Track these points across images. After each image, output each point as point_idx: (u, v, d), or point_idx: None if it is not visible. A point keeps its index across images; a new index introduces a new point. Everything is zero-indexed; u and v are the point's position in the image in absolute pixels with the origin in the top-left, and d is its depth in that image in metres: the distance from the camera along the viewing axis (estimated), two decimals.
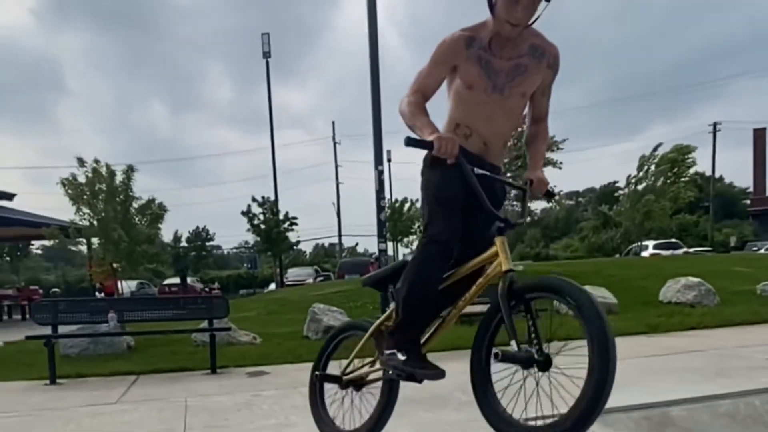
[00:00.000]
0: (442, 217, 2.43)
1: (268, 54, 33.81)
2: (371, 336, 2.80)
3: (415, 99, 2.41)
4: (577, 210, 65.81)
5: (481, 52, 2.37)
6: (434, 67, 2.44)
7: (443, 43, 2.39)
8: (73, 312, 6.69)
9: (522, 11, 2.25)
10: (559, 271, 10.49)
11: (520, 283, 2.18)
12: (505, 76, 2.42)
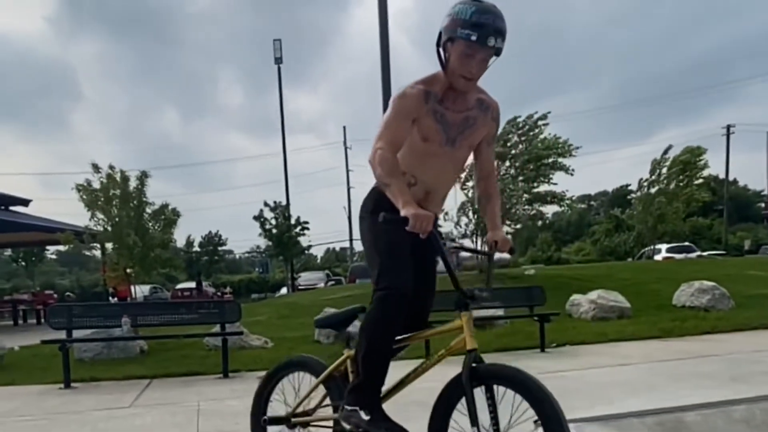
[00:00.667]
0: (396, 267, 2.41)
1: (279, 60, 33.97)
2: (323, 382, 2.72)
3: (389, 155, 2.32)
4: (589, 213, 65.37)
5: (436, 106, 2.41)
6: (402, 120, 2.39)
7: (406, 96, 2.38)
8: (87, 316, 6.76)
9: (476, 66, 2.30)
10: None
11: (484, 366, 2.17)
12: (456, 128, 2.47)
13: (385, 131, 2.37)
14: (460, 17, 2.22)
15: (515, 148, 14.85)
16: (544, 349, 7.33)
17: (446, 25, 2.27)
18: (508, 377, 2.10)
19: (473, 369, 2.16)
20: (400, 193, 2.24)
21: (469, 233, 15.44)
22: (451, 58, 2.30)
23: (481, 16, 2.18)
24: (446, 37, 2.28)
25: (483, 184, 2.72)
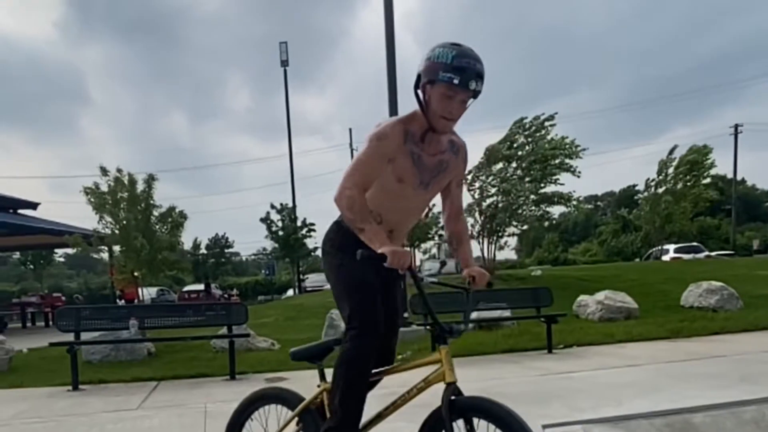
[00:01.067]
0: (368, 305, 2.40)
1: (286, 62, 34.03)
2: (298, 415, 2.66)
3: (358, 197, 2.28)
4: (596, 214, 65.11)
5: (413, 147, 2.39)
6: (378, 160, 2.34)
7: (386, 138, 2.33)
8: (95, 319, 6.79)
9: (456, 107, 2.30)
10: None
11: (463, 399, 2.17)
12: (430, 172, 2.47)
13: (356, 171, 2.32)
14: (441, 61, 2.22)
15: (522, 149, 14.82)
16: (551, 350, 7.31)
17: (426, 68, 2.27)
18: (486, 410, 2.10)
19: (452, 402, 2.16)
20: (375, 237, 2.23)
21: (475, 234, 15.40)
22: (431, 99, 2.30)
23: (462, 60, 2.20)
24: (426, 80, 2.28)
25: (452, 224, 2.72)
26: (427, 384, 2.30)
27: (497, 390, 5.12)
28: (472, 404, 2.15)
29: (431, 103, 2.30)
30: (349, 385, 2.40)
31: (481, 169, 14.95)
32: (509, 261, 39.85)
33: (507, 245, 16.31)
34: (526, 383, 5.45)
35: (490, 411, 2.09)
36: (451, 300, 8.41)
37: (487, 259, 15.65)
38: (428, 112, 2.32)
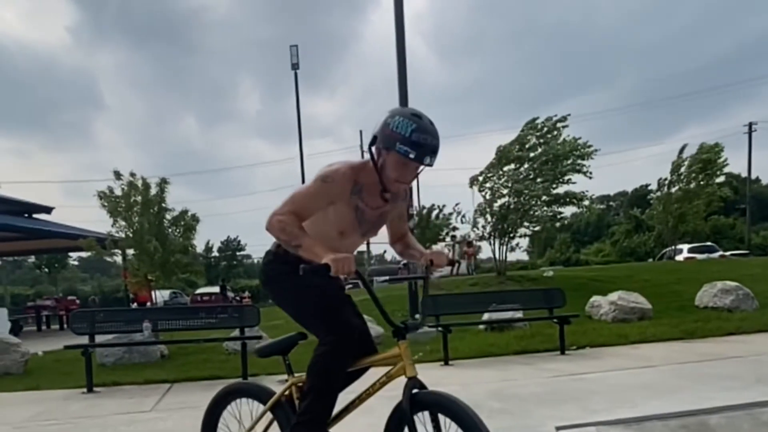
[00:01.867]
0: (339, 318, 2.45)
1: (296, 65, 34.09)
2: (270, 409, 2.71)
3: (290, 219, 2.31)
4: (608, 214, 64.64)
5: (359, 202, 2.43)
6: (319, 199, 2.37)
7: (333, 183, 2.34)
8: (109, 322, 6.85)
9: (411, 172, 2.35)
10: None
11: (423, 394, 2.22)
12: (370, 224, 2.55)
13: (293, 202, 2.35)
14: (399, 132, 2.24)
15: (534, 150, 14.73)
16: (564, 352, 7.27)
17: (385, 134, 2.28)
18: (446, 407, 2.16)
19: (414, 395, 2.21)
20: (314, 246, 2.25)
21: (486, 235, 15.34)
22: (386, 164, 2.33)
23: (421, 136, 2.24)
24: (383, 145, 2.30)
25: (398, 244, 2.78)
26: (389, 378, 2.38)
27: (510, 391, 5.10)
28: (431, 399, 2.20)
29: (386, 167, 2.33)
30: (323, 390, 2.46)
31: (492, 170, 14.89)
32: (521, 262, 39.69)
33: (518, 246, 16.23)
34: (539, 384, 5.42)
35: (450, 408, 2.13)
36: (464, 301, 8.41)
37: (499, 260, 15.60)
38: (382, 173, 2.36)
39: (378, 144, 2.32)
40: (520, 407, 4.50)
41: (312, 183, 2.37)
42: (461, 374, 6.28)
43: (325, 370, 2.45)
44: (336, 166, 2.38)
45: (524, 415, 4.25)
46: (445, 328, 7.02)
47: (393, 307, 12.47)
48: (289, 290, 2.55)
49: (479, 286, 14.10)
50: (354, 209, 2.43)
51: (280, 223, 2.29)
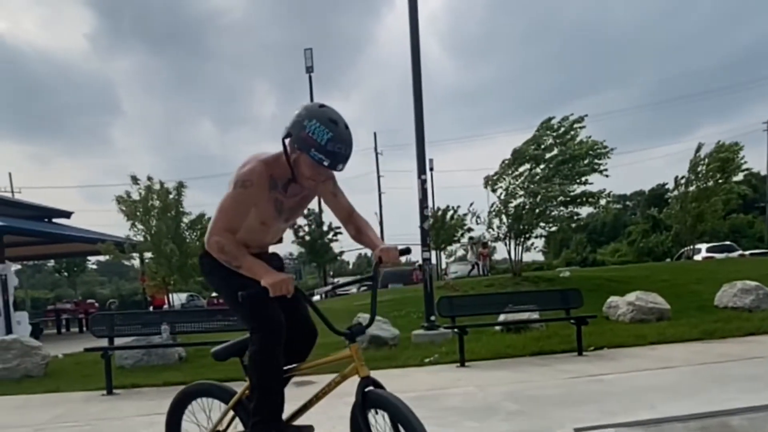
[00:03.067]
0: (263, 308, 2.52)
1: (310, 69, 34.28)
2: (232, 408, 2.81)
3: (229, 239, 2.41)
4: (625, 214, 63.96)
5: (277, 194, 2.52)
6: (244, 207, 2.45)
7: (251, 183, 2.41)
8: (127, 325, 6.93)
9: (323, 173, 2.47)
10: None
11: (374, 394, 2.32)
12: (291, 210, 2.65)
13: (222, 220, 2.43)
14: (315, 139, 2.30)
15: (550, 150, 14.62)
16: (581, 353, 7.21)
17: (300, 136, 2.33)
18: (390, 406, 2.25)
19: (365, 394, 2.32)
20: (254, 267, 2.36)
21: (501, 236, 15.25)
22: (300, 161, 2.41)
23: (336, 145, 2.31)
24: (297, 146, 2.36)
25: (350, 225, 2.78)
26: (343, 378, 2.51)
27: (527, 393, 5.07)
28: (378, 399, 2.29)
29: (300, 164, 2.42)
30: (262, 383, 2.55)
31: (507, 170, 14.81)
32: (536, 262, 39.43)
33: (534, 247, 16.11)
34: (557, 386, 5.38)
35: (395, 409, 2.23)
36: (480, 303, 8.37)
37: (514, 260, 15.51)
38: (295, 168, 2.45)
39: (292, 143, 2.38)
40: (538, 409, 4.47)
41: (233, 191, 2.42)
42: (477, 376, 6.26)
43: (260, 368, 2.54)
44: (250, 166, 2.44)
45: (542, 417, 4.22)
46: (461, 330, 7.00)
47: (408, 308, 12.46)
48: (222, 284, 2.65)
49: (495, 287, 14.03)
50: (273, 203, 2.52)
51: (218, 244, 2.39)
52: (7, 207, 18.39)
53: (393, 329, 8.89)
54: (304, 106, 2.40)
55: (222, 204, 2.45)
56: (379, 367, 6.98)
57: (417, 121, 9.33)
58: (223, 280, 2.61)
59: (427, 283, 9.21)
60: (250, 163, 2.46)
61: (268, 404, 2.57)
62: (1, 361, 7.79)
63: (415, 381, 6.07)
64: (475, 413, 4.45)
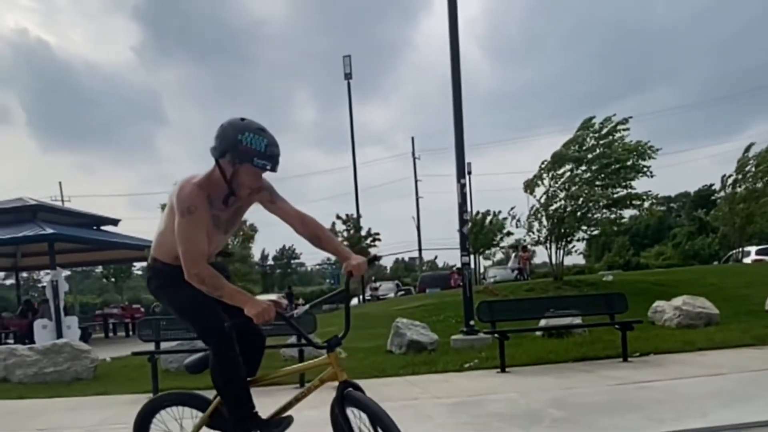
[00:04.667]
0: (209, 316, 2.68)
1: (349, 75, 34.54)
2: (210, 415, 2.92)
3: (205, 270, 2.51)
4: (670, 216, 62.22)
5: (215, 212, 2.67)
6: (199, 230, 2.55)
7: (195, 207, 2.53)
8: (172, 329, 7.06)
9: (260, 179, 2.67)
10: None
11: (353, 395, 2.55)
12: (227, 222, 2.80)
13: (189, 250, 2.51)
14: (255, 148, 2.53)
15: (591, 151, 14.30)
16: (626, 359, 7.03)
17: (240, 150, 2.53)
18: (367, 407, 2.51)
19: (345, 394, 2.56)
20: (236, 295, 2.50)
21: (542, 239, 15.01)
22: (239, 174, 2.59)
23: (272, 149, 2.58)
24: (238, 160, 2.54)
25: (304, 230, 2.85)
26: (322, 382, 2.70)
27: (571, 400, 4.98)
28: (357, 399, 2.54)
29: (240, 176, 2.60)
30: (227, 389, 2.74)
31: (548, 173, 14.57)
32: (577, 266, 38.68)
33: (575, 250, 15.79)
34: (602, 393, 5.27)
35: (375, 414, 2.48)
36: (521, 307, 8.24)
37: (555, 264, 15.25)
38: (233, 182, 2.62)
39: (230, 158, 2.56)
40: (583, 416, 4.38)
41: (184, 219, 2.52)
42: (519, 382, 6.18)
43: (219, 374, 2.73)
44: (187, 191, 2.56)
45: (588, 425, 4.14)
46: (502, 335, 6.92)
47: (447, 313, 12.39)
48: (170, 296, 2.81)
49: (535, 292, 13.83)
50: (211, 218, 2.66)
51: (197, 277, 2.50)
52: (57, 215, 18.99)
53: (431, 334, 8.85)
54: (228, 123, 2.60)
55: (181, 235, 2.53)
56: (418, 372, 6.96)
57: (456, 125, 9.28)
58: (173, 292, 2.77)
59: (467, 288, 9.14)
60: (185, 188, 2.58)
61: (240, 411, 2.74)
62: (53, 364, 8.09)
63: (455, 386, 6.03)
64: (518, 420, 4.38)
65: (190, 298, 2.66)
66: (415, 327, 8.84)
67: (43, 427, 5.04)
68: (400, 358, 8.09)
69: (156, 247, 2.81)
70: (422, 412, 4.88)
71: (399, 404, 5.22)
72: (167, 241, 2.67)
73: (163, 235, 2.73)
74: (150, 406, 3.10)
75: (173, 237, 2.57)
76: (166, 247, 2.73)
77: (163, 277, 2.78)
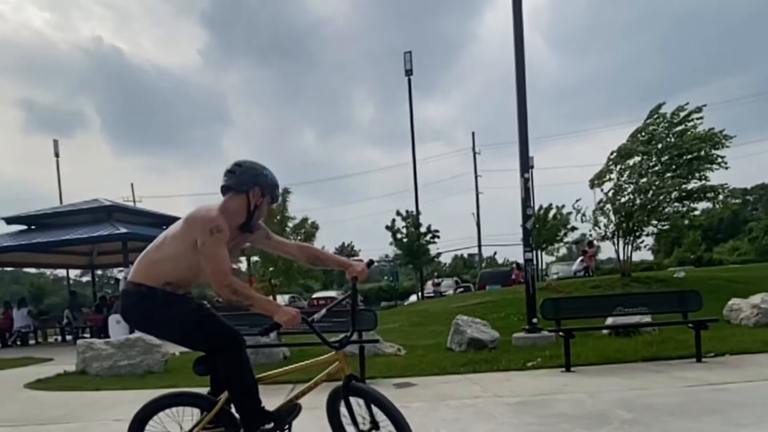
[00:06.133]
0: (221, 324, 2.89)
1: (410, 71, 34.56)
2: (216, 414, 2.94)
3: (235, 283, 2.65)
4: (746, 209, 58.90)
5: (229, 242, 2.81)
6: (224, 247, 2.68)
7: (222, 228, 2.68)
8: (236, 325, 7.23)
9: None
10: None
11: (356, 385, 2.89)
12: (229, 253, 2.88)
13: (218, 265, 2.65)
14: (274, 182, 2.92)
15: (661, 141, 13.64)
16: (700, 359, 6.68)
17: (268, 183, 2.88)
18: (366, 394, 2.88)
19: (349, 384, 2.87)
20: (266, 304, 2.72)
21: (609, 234, 14.44)
22: (261, 207, 2.90)
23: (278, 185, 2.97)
24: (268, 192, 2.89)
25: (303, 255, 3.15)
26: (329, 377, 2.98)
27: (642, 401, 4.77)
28: (358, 388, 2.90)
29: (262, 207, 2.90)
30: (245, 389, 2.86)
31: (614, 165, 14.02)
32: (645, 262, 37.19)
33: (644, 245, 15.10)
34: (675, 394, 5.02)
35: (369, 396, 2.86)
36: (586, 305, 7.97)
37: (622, 260, 14.69)
38: (256, 212, 2.89)
39: (260, 190, 2.85)
40: (655, 418, 4.18)
41: (212, 238, 2.65)
42: (585, 382, 5.98)
43: (239, 378, 2.85)
44: (213, 214, 2.72)
45: (660, 427, 3.95)
46: (567, 333, 6.72)
47: (509, 311, 12.18)
48: (169, 319, 2.85)
49: (602, 289, 13.39)
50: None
51: (231, 288, 2.64)
52: (130, 215, 19.74)
53: (493, 332, 8.71)
54: (249, 161, 2.92)
55: (210, 252, 2.66)
56: (479, 370, 6.85)
57: (520, 119, 9.06)
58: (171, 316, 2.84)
59: (529, 285, 8.94)
60: (210, 212, 2.74)
61: (253, 405, 2.87)
62: (127, 357, 8.47)
63: (518, 385, 5.89)
64: (585, 421, 4.23)
65: (194, 314, 2.88)
66: (475, 324, 8.72)
67: (119, 418, 5.26)
68: (460, 355, 8.00)
69: (142, 273, 2.84)
70: (485, 411, 4.79)
71: (460, 403, 5.16)
72: (162, 267, 2.79)
73: (158, 261, 2.81)
74: (150, 408, 3.08)
75: (172, 263, 2.76)
76: (158, 272, 2.80)
77: (155, 300, 2.79)
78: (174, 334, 2.95)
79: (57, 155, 37.82)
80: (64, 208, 19.63)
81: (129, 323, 3.00)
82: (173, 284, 2.83)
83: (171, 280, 2.81)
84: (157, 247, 2.87)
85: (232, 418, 2.93)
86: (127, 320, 2.95)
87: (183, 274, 2.83)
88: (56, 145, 38.09)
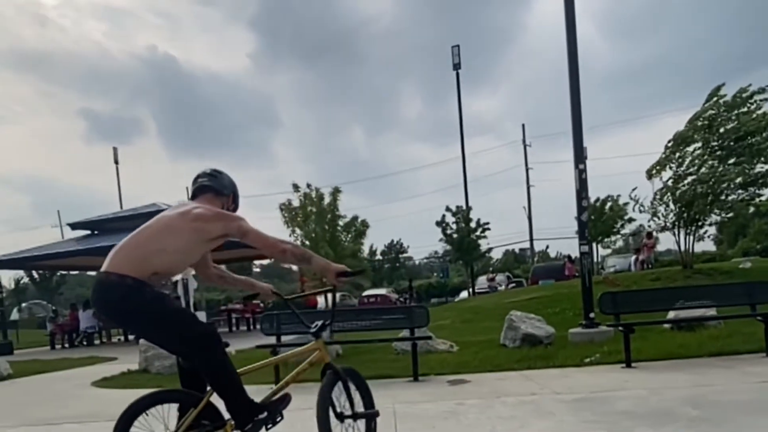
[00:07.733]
0: (200, 321, 2.93)
1: (458, 65, 34.25)
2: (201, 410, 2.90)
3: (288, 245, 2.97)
4: None
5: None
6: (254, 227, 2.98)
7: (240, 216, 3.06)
8: (291, 323, 7.34)
9: None
10: None
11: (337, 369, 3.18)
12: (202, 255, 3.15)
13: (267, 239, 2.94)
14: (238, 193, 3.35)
15: (723, 125, 12.97)
16: None
17: (237, 192, 3.32)
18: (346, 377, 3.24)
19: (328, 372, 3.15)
20: (320, 259, 3.00)
21: (669, 225, 13.85)
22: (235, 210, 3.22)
23: None
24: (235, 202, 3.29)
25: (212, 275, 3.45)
26: (311, 365, 3.20)
27: (709, 398, 4.55)
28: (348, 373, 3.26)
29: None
30: (230, 383, 2.90)
31: (673, 154, 13.42)
32: (707, 253, 35.67)
33: (707, 235, 14.38)
34: (744, 391, 4.77)
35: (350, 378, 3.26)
36: (646, 298, 7.68)
37: (683, 251, 14.08)
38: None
39: (235, 198, 3.27)
40: (724, 416, 3.97)
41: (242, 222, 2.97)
42: (648, 378, 5.75)
43: (227, 373, 2.87)
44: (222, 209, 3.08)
45: (730, 425, 3.75)
46: (627, 327, 6.48)
47: (563, 305, 11.90)
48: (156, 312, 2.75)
49: (662, 282, 12.90)
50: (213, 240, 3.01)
51: (289, 250, 2.94)
52: None
53: (548, 327, 8.51)
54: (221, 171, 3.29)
55: (255, 236, 2.95)
56: (535, 367, 6.70)
57: (573, 109, 8.79)
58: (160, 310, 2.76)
59: (585, 278, 8.67)
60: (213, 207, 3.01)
61: (240, 397, 2.92)
62: None
63: (576, 382, 5.72)
64: (650, 419, 4.05)
65: (178, 309, 3.02)
66: (529, 320, 8.54)
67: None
68: (514, 352, 7.85)
69: (129, 264, 2.71)
70: (543, 408, 4.67)
71: (517, 399, 5.05)
72: (160, 258, 2.75)
73: (157, 253, 2.75)
74: (136, 406, 2.94)
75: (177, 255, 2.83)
76: (147, 264, 2.72)
77: (143, 293, 2.69)
78: (165, 324, 2.79)
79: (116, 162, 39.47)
80: (124, 213, 20.43)
81: (110, 318, 2.96)
82: (159, 274, 2.80)
83: (159, 270, 2.77)
84: (156, 240, 2.78)
85: (217, 413, 2.94)
86: (107, 314, 2.86)
87: (176, 267, 2.91)
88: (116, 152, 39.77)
